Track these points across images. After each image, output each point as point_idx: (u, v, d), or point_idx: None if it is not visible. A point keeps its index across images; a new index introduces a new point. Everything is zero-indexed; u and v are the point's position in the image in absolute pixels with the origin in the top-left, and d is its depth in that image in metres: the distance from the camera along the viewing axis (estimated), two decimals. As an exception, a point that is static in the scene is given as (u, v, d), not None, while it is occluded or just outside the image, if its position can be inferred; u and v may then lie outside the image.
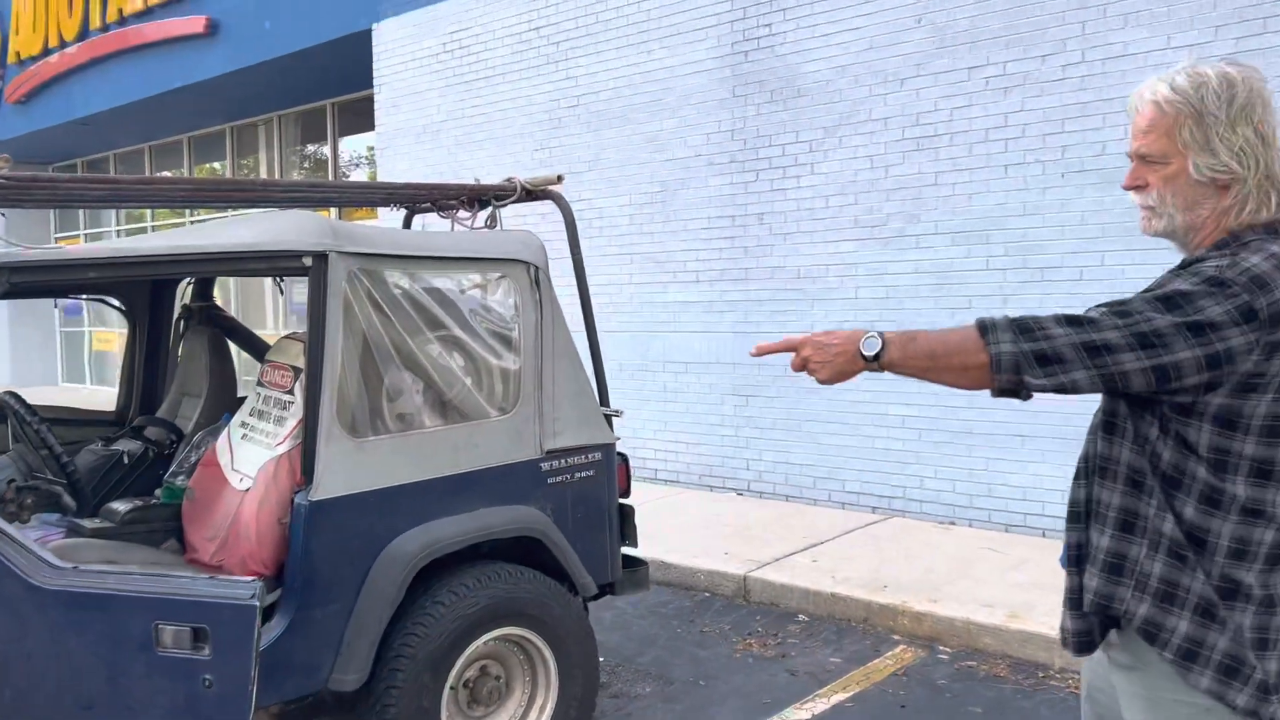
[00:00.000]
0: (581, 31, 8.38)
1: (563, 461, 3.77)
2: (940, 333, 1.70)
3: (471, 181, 4.26)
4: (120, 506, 3.64)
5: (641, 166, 8.05)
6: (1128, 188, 1.75)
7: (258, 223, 3.38)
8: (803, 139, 7.10)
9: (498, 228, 4.26)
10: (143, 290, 4.37)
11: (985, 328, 1.64)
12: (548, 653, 3.59)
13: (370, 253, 3.33)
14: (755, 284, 7.43)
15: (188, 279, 4.40)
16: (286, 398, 3.47)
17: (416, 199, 4.09)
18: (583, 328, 4.18)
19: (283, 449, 3.33)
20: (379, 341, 3.34)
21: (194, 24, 12.17)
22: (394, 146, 10.10)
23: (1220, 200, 1.68)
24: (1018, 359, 1.60)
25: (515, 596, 3.48)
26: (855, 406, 6.94)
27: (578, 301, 4.13)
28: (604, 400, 4.11)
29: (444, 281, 3.56)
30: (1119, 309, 1.61)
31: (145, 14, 13.00)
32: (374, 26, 10.18)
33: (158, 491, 3.80)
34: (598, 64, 8.28)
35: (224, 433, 3.66)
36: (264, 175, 14.58)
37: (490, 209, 4.28)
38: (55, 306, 7.52)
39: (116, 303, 4.35)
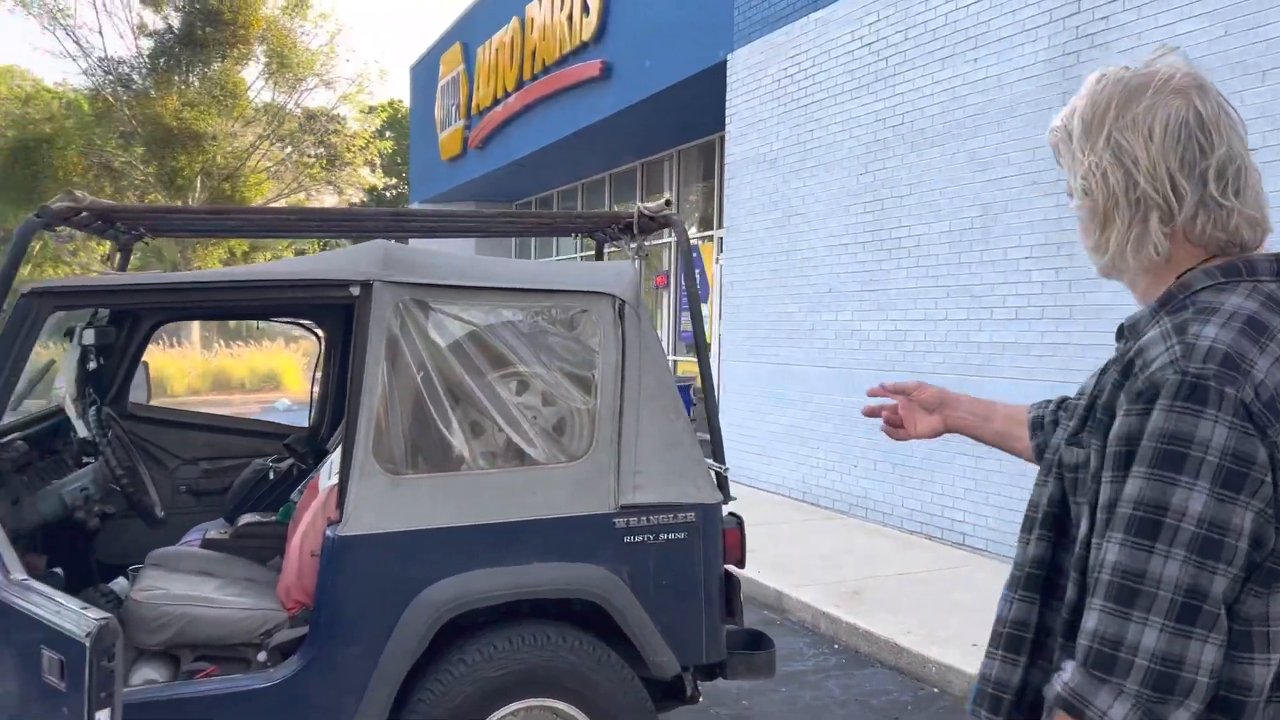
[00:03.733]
0: (910, 44, 7.65)
1: (644, 519, 3.33)
2: None
3: (597, 210, 3.97)
4: (244, 519, 3.86)
5: (962, 188, 7.14)
6: None
7: (334, 253, 3.39)
8: (1140, 150, 5.84)
9: (637, 255, 3.93)
10: (336, 315, 4.63)
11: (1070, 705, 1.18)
12: (591, 733, 3.19)
13: (425, 283, 3.19)
14: (1079, 325, 6.23)
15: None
16: (362, 427, 3.44)
17: (536, 229, 3.90)
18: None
19: (336, 480, 3.29)
20: (429, 376, 3.19)
21: (592, 68, 13.05)
22: (740, 176, 9.99)
23: (1106, 234, 1.32)
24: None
25: (551, 665, 3.14)
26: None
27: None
28: (717, 455, 3.60)
29: (513, 314, 3.32)
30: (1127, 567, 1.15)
31: (560, 62, 14.20)
32: (728, 57, 10.17)
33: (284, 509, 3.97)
34: (923, 77, 7.51)
35: (329, 457, 3.73)
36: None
37: (638, 238, 3.95)
38: (258, 328, 8.33)
39: (309, 324, 4.66)
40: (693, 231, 13.83)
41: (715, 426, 3.61)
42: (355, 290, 3.13)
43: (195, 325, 25.78)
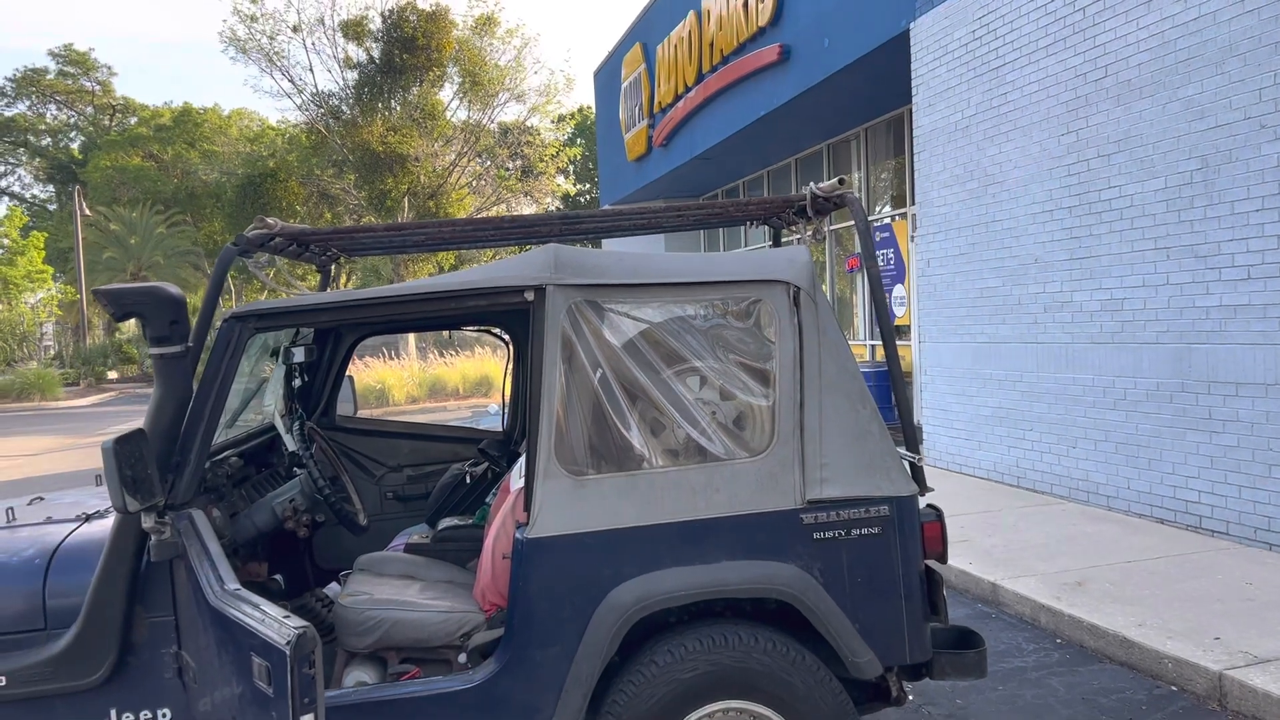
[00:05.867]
0: (1110, -11, 7.08)
1: (833, 514, 3.20)
2: None
3: (769, 196, 3.84)
4: (443, 524, 3.97)
5: (1178, 140, 6.53)
6: None
7: (508, 260, 3.43)
8: (1390, 78, 5.15)
9: (814, 239, 3.78)
10: (520, 320, 4.71)
11: None
12: (788, 737, 3.08)
13: (594, 283, 3.18)
14: (1326, 280, 5.57)
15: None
16: (546, 430, 3.46)
17: (706, 221, 3.81)
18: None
19: (523, 483, 3.32)
20: (605, 376, 3.17)
21: (770, 53, 12.84)
22: (930, 149, 9.55)
23: None
24: None
25: (745, 666, 3.06)
26: None
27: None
28: (910, 445, 3.41)
29: (685, 309, 3.25)
30: None
31: (738, 51, 14.06)
32: (910, 25, 9.75)
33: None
34: (1127, 23, 6.92)
35: (520, 460, 3.78)
36: (858, 191, 14.82)
37: (814, 221, 3.80)
38: (449, 336, 8.44)
39: (502, 333, 4.76)
40: (885, 210, 13.38)
41: (906, 413, 3.42)
42: (529, 295, 3.15)
43: (411, 339, 27.25)
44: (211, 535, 2.92)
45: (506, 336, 4.80)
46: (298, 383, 4.25)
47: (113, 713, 2.98)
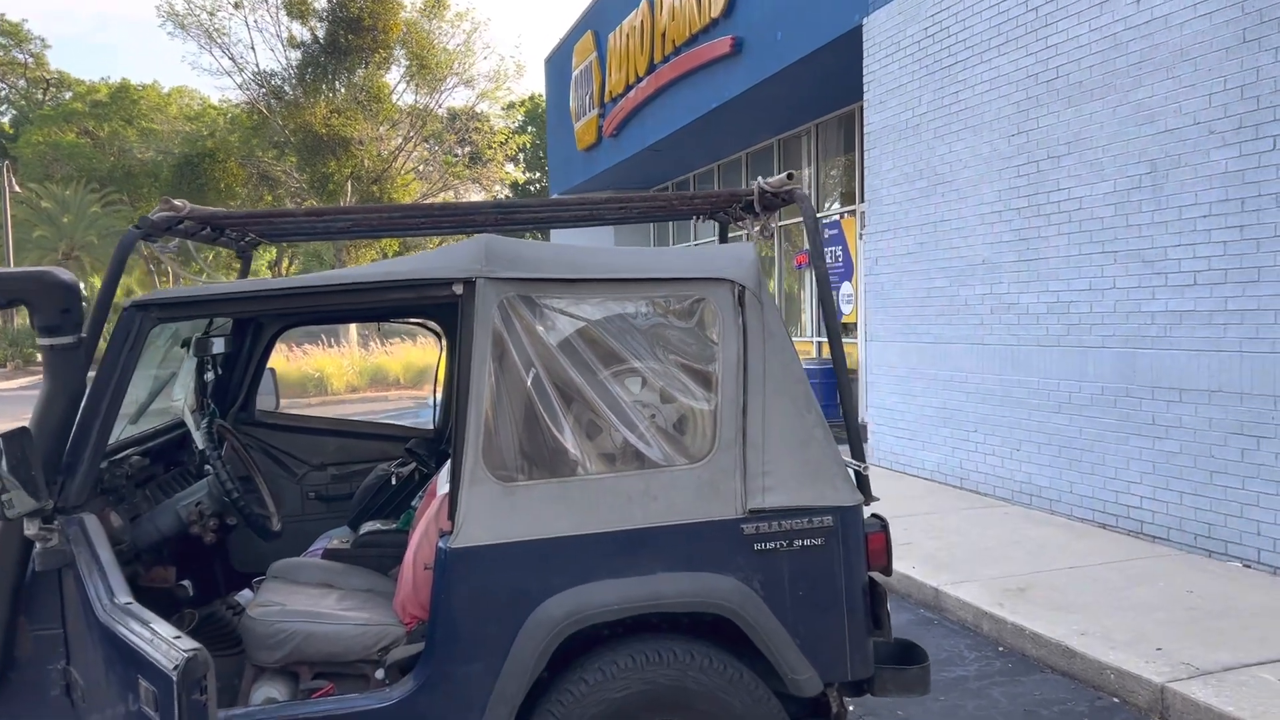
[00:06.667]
0: (1063, -11, 7.02)
1: (775, 525, 3.05)
2: None
3: (717, 190, 3.68)
4: (366, 528, 3.76)
5: (1128, 143, 6.49)
6: None
7: (437, 251, 3.23)
8: (1339, 86, 5.14)
9: (763, 235, 3.62)
10: (453, 313, 4.49)
11: None
12: (727, 760, 2.93)
13: (529, 277, 2.99)
14: (1270, 288, 5.55)
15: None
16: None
17: (650, 214, 3.64)
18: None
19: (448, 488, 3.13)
20: (539, 376, 2.99)
21: (722, 45, 12.70)
22: (880, 146, 9.47)
23: None
24: None
25: (680, 685, 2.90)
26: None
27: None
28: (856, 452, 3.27)
29: (625, 306, 3.07)
30: None
31: (690, 42, 13.89)
32: (863, 21, 9.66)
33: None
34: (1079, 25, 6.87)
35: (448, 462, 3.58)
36: (807, 187, 14.75)
37: (762, 216, 3.64)
38: (379, 330, 8.27)
39: (434, 325, 4.54)
40: (834, 207, 13.32)
41: (853, 420, 3.28)
42: (458, 288, 2.96)
43: (353, 326, 26.74)
44: (104, 542, 2.68)
45: (439, 330, 4.59)
46: (210, 376, 4.00)
47: None
